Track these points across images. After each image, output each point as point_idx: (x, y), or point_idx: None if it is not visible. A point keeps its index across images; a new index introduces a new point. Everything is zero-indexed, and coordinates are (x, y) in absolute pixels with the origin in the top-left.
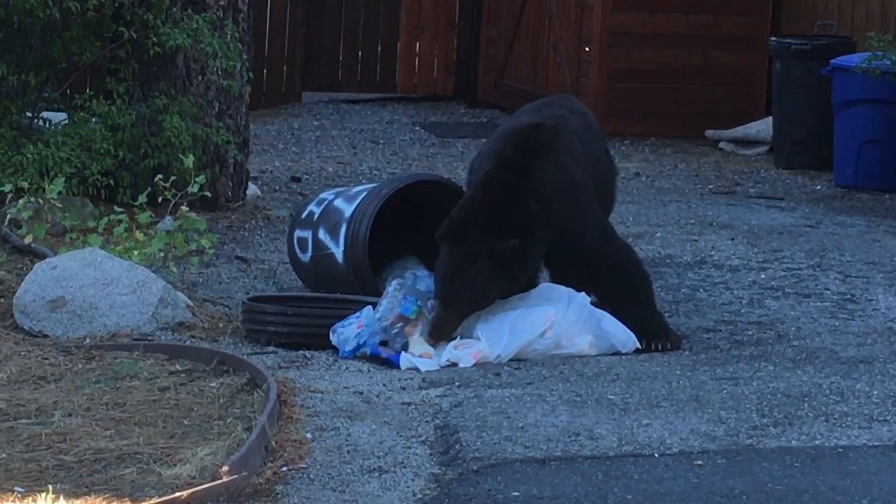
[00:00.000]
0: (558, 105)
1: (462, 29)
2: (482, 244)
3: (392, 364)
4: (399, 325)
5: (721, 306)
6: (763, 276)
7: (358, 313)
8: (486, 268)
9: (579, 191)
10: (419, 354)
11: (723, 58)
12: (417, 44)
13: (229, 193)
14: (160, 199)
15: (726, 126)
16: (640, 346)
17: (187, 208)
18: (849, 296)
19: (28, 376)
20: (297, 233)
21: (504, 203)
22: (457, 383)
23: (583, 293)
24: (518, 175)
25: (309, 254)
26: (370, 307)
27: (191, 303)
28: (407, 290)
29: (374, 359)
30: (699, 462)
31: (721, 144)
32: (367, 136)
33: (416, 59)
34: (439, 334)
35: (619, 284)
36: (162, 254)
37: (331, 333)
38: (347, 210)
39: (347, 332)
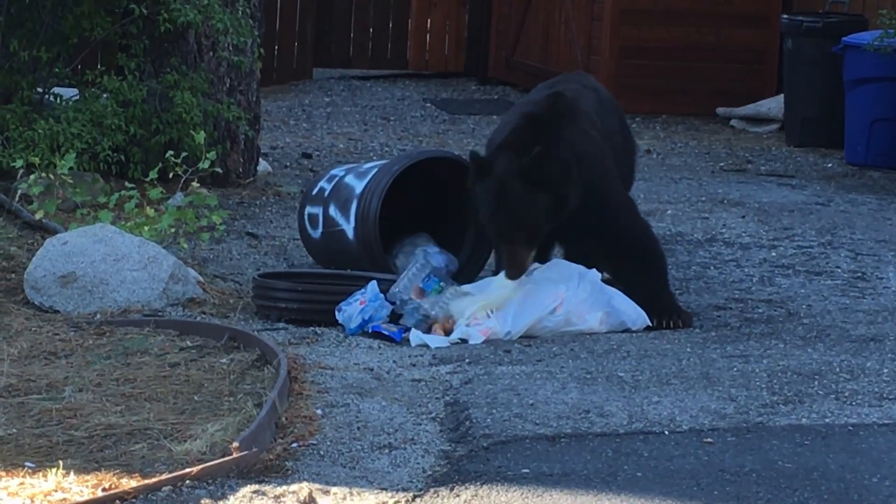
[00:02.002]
0: (572, 81)
1: (473, 5)
2: (508, 165)
3: (393, 340)
4: (415, 301)
5: (732, 284)
6: (774, 253)
7: (362, 290)
8: (520, 186)
9: (604, 159)
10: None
11: (734, 35)
12: (429, 20)
13: (240, 169)
14: (171, 175)
15: (737, 104)
16: (650, 324)
17: (198, 184)
18: (859, 274)
19: (39, 352)
20: (308, 209)
21: (531, 146)
22: (467, 360)
23: (594, 270)
24: (546, 131)
25: (319, 230)
26: (374, 282)
27: (201, 279)
28: (433, 270)
29: (376, 335)
30: (709, 440)
31: (732, 122)
32: (377, 112)
33: (428, 35)
34: (516, 270)
35: (635, 260)
36: (172, 230)
37: (336, 312)
38: (358, 186)
39: (351, 309)
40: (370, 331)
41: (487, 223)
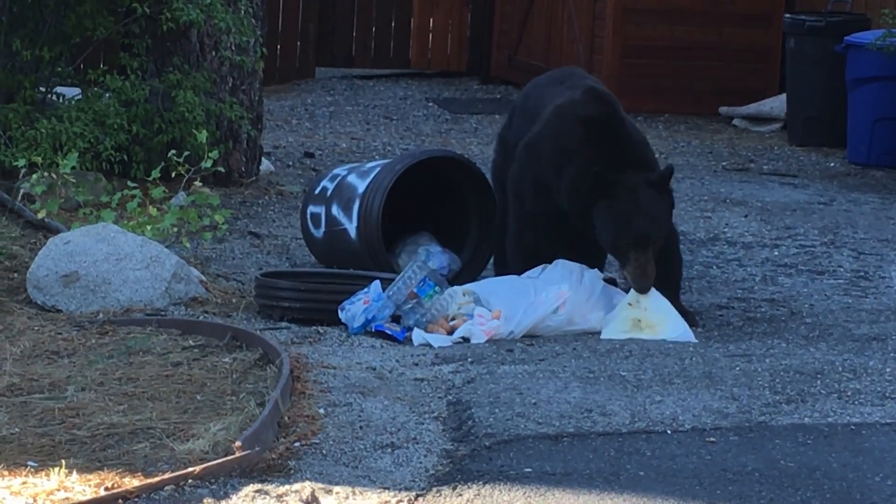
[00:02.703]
0: (577, 76)
1: (476, 4)
2: (638, 177)
3: (396, 340)
4: (413, 301)
5: (734, 283)
6: (776, 253)
7: (365, 289)
8: (655, 196)
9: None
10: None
11: (737, 34)
12: (431, 19)
13: (242, 169)
14: (173, 175)
15: (740, 103)
16: None
17: (200, 184)
18: (862, 273)
19: (41, 351)
20: (311, 208)
21: (620, 150)
22: (469, 359)
23: (596, 270)
24: (613, 134)
25: (322, 229)
26: (377, 282)
27: (204, 278)
28: (429, 273)
29: (379, 334)
30: (711, 439)
31: (735, 121)
32: (380, 111)
33: (430, 34)
34: (648, 281)
35: (660, 260)
36: (175, 229)
37: (339, 311)
38: (361, 186)
39: (354, 308)
40: (373, 330)
41: (621, 234)
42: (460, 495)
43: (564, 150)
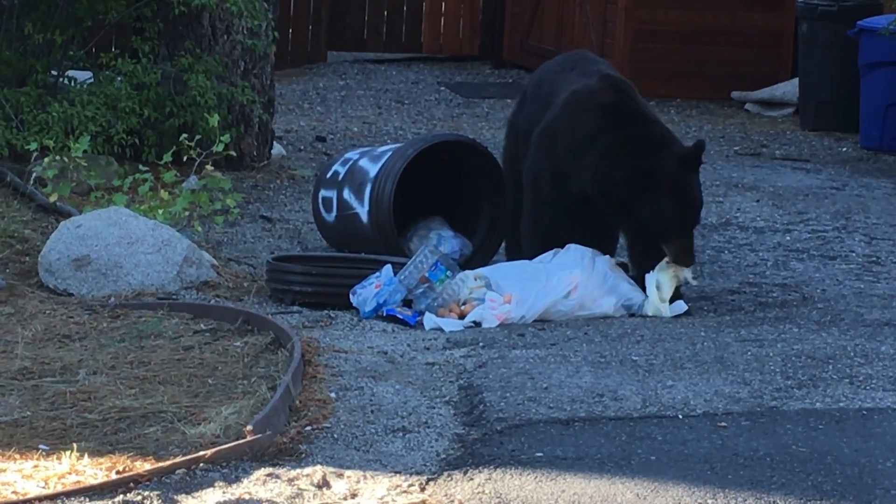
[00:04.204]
0: (589, 60)
1: None
2: (672, 160)
3: (407, 324)
4: (424, 285)
5: (746, 268)
6: (788, 237)
7: (377, 273)
8: (694, 179)
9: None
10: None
11: (749, 19)
12: (443, 3)
13: (254, 153)
14: (185, 159)
15: (752, 87)
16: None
17: (212, 167)
18: (874, 258)
19: (53, 335)
20: (322, 192)
21: (640, 132)
22: (481, 344)
23: (607, 255)
24: (631, 117)
25: (334, 213)
26: (389, 266)
27: (215, 262)
28: (441, 258)
29: (391, 318)
30: (723, 424)
31: (747, 106)
32: (392, 96)
33: (442, 18)
34: (692, 257)
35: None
36: (187, 213)
37: (351, 295)
38: (372, 170)
39: (366, 292)
40: (384, 314)
41: (671, 225)
42: (471, 479)
43: (583, 137)
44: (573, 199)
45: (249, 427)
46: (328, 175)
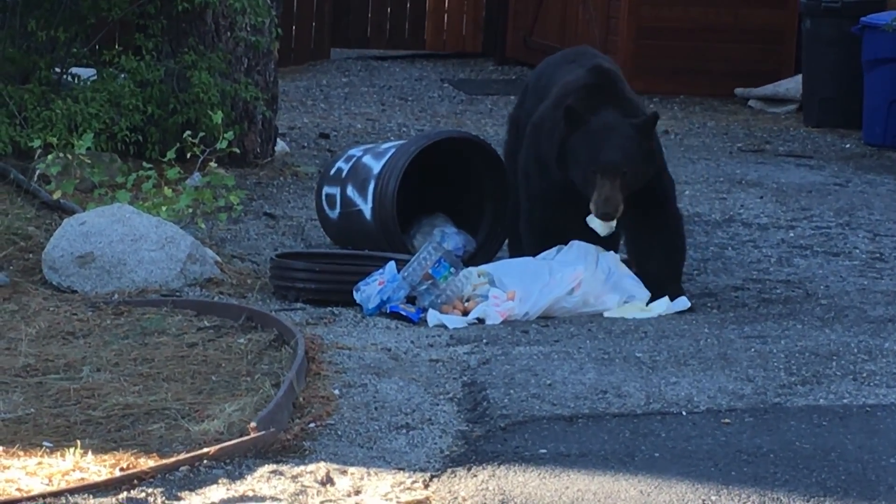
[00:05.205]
0: (588, 55)
1: None
2: (619, 114)
3: (410, 321)
4: (428, 282)
5: (749, 264)
6: (792, 234)
7: (380, 270)
8: (630, 132)
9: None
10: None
11: (752, 15)
12: (446, 0)
13: (258, 150)
14: (189, 155)
15: (756, 84)
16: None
17: (216, 164)
18: (878, 254)
19: (56, 332)
20: (326, 189)
21: (611, 106)
22: (484, 340)
23: (612, 252)
24: (611, 96)
25: (337, 210)
26: (392, 263)
27: (219, 259)
28: (444, 254)
29: (394, 315)
30: (727, 420)
31: (750, 102)
32: (395, 92)
33: (445, 15)
34: (610, 209)
35: (662, 243)
36: (190, 210)
37: (354, 292)
38: (376, 167)
39: (370, 289)
40: (388, 311)
41: (589, 161)
42: (475, 476)
43: (559, 120)
44: (558, 189)
45: (253, 424)
46: (332, 172)
